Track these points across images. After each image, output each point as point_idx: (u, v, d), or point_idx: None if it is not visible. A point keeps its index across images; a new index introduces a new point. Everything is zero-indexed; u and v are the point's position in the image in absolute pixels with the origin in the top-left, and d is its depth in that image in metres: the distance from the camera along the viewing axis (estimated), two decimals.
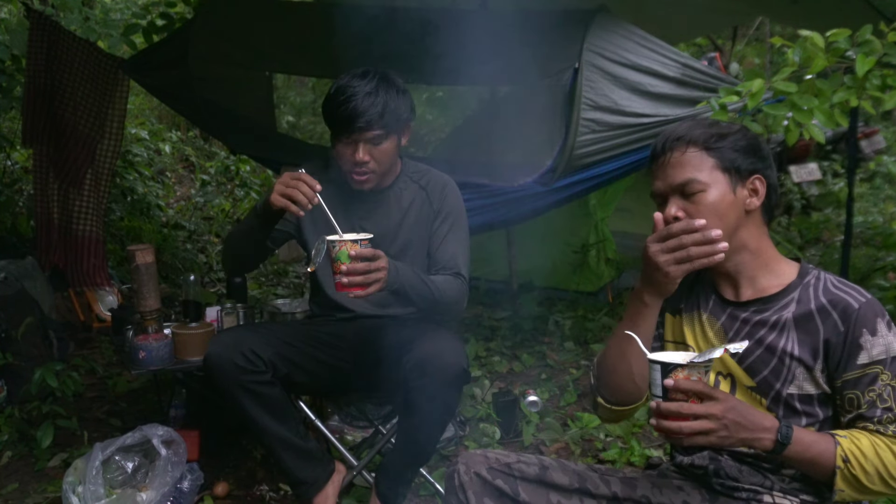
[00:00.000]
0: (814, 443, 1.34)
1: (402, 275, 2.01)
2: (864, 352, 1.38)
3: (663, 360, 1.30)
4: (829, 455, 1.33)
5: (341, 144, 2.14)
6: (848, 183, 4.08)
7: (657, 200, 1.50)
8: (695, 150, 1.45)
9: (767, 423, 1.32)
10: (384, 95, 2.10)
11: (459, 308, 2.22)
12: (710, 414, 1.27)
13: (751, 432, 1.30)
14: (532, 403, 3.18)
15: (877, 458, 1.32)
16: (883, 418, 1.35)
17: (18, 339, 3.26)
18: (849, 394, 1.39)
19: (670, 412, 1.28)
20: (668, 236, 1.38)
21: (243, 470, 2.80)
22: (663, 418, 1.28)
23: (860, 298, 1.42)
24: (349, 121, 2.08)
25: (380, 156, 2.14)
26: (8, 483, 2.72)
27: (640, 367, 1.44)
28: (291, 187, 1.95)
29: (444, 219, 2.25)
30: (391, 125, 2.12)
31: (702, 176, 1.43)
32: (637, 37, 3.05)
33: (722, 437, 1.28)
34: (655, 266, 1.39)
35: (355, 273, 1.87)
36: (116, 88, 4.08)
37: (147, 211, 5.89)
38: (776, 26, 8.27)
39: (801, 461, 1.35)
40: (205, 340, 2.55)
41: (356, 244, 1.88)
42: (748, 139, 1.47)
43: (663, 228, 1.40)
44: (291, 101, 8.71)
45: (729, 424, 1.28)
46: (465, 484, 1.49)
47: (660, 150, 1.49)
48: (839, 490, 1.34)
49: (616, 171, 3.19)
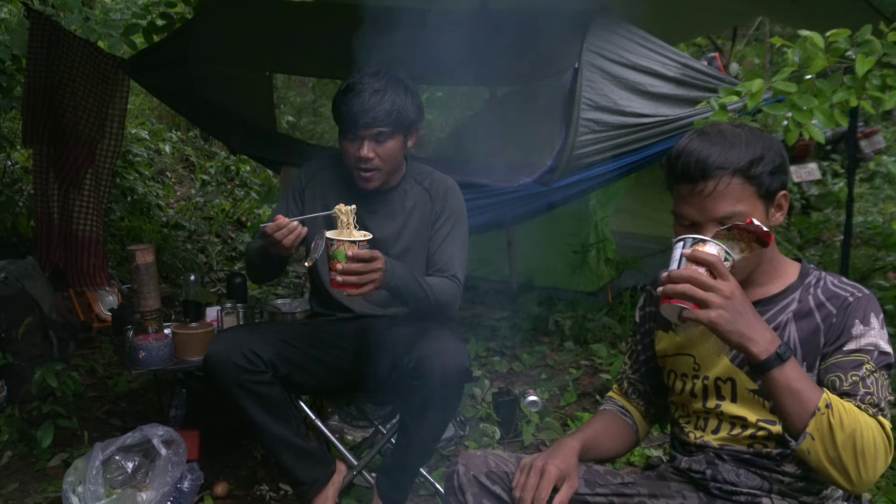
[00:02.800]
0: (804, 377, 1.30)
1: (397, 275, 2.02)
2: (853, 340, 1.37)
3: (687, 236, 1.32)
4: (814, 394, 1.28)
5: (347, 141, 2.16)
6: (848, 183, 4.08)
7: (682, 223, 1.43)
8: (738, 180, 1.36)
9: (769, 335, 1.29)
10: (392, 94, 2.12)
11: (452, 311, 2.23)
12: (718, 288, 1.26)
13: (750, 328, 1.27)
14: (532, 403, 3.18)
15: (857, 423, 1.27)
16: (865, 399, 1.32)
17: (18, 339, 3.25)
18: (832, 376, 1.36)
19: (681, 277, 1.27)
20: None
21: (243, 470, 2.80)
22: (672, 283, 1.28)
23: (857, 294, 1.42)
24: (355, 117, 2.10)
25: (385, 154, 2.15)
26: (8, 483, 2.72)
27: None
28: (274, 244, 2.00)
29: (445, 221, 2.26)
30: (397, 124, 2.13)
31: (744, 208, 1.37)
32: (637, 37, 3.05)
33: (722, 317, 1.25)
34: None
35: (350, 273, 1.89)
36: (116, 88, 4.08)
37: (147, 211, 5.90)
38: (776, 26, 8.28)
39: (786, 389, 1.28)
40: (205, 340, 2.55)
41: (354, 245, 1.88)
42: (780, 156, 1.40)
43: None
44: (291, 101, 8.70)
45: (732, 309, 1.26)
46: (465, 485, 1.49)
47: (697, 175, 1.37)
48: (809, 434, 1.27)
49: (616, 171, 3.19)
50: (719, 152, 1.37)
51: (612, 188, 4.27)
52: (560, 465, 1.45)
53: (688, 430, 1.56)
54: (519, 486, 1.44)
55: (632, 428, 1.69)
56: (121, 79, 4.05)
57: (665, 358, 1.62)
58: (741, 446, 1.49)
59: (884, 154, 7.28)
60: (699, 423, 1.54)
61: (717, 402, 1.51)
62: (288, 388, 2.22)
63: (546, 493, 1.42)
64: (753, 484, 1.47)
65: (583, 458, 1.54)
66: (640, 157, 3.09)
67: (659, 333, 1.64)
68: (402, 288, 2.05)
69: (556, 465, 1.45)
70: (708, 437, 1.52)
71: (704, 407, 1.52)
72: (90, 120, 4.04)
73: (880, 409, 1.32)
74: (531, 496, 1.42)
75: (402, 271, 2.05)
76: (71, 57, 3.95)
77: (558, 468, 1.45)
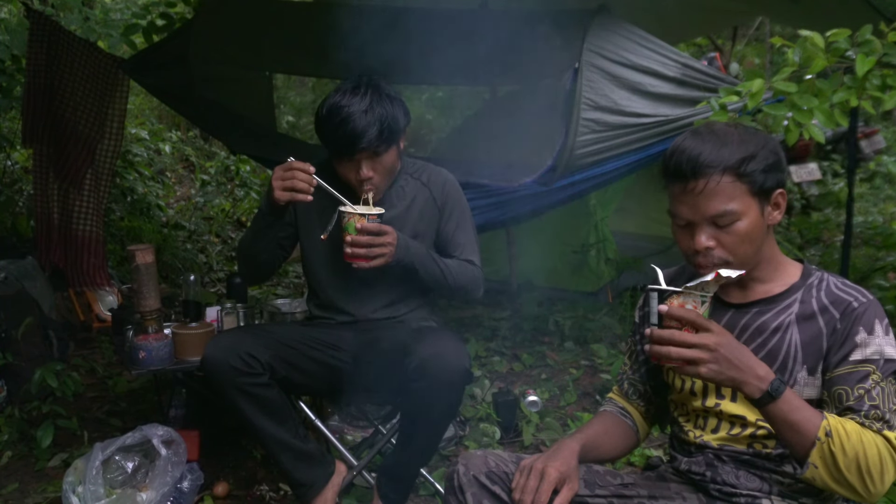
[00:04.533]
0: (801, 407, 1.31)
1: (412, 252, 2.06)
2: (859, 349, 1.37)
3: (660, 287, 1.32)
4: (812, 424, 1.29)
5: (343, 166, 2.15)
6: (848, 183, 4.08)
7: (678, 222, 1.44)
8: (729, 178, 1.37)
9: (761, 372, 1.30)
10: (380, 110, 2.09)
11: (476, 293, 2.25)
12: (703, 344, 1.27)
13: (741, 373, 1.28)
14: (532, 403, 3.18)
15: (860, 444, 1.28)
16: (870, 413, 1.33)
17: (18, 339, 3.26)
18: (838, 389, 1.37)
19: (663, 339, 1.28)
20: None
21: (243, 470, 2.80)
22: (656, 344, 1.29)
23: (861, 299, 1.41)
24: (349, 143, 2.08)
25: (383, 168, 2.15)
26: (8, 483, 2.72)
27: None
28: (288, 178, 1.98)
29: (451, 215, 2.28)
30: (390, 139, 2.12)
31: (736, 206, 1.37)
32: (637, 37, 3.05)
33: (712, 370, 1.27)
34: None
35: (358, 245, 1.95)
36: (116, 88, 4.08)
37: (147, 211, 5.90)
38: (776, 26, 8.28)
39: (784, 422, 1.30)
40: (205, 340, 2.54)
41: (363, 218, 1.96)
42: (774, 153, 1.41)
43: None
44: (291, 101, 8.71)
45: (720, 359, 1.27)
46: (465, 485, 1.49)
47: (688, 174, 1.38)
48: (812, 464, 1.29)
49: (616, 171, 3.18)
50: (710, 150, 1.38)
51: (612, 188, 4.26)
52: (560, 467, 1.45)
53: (687, 429, 1.56)
54: (519, 489, 1.44)
55: (632, 429, 1.69)
56: (121, 79, 4.05)
57: None
58: (741, 446, 1.48)
59: (884, 154, 7.27)
60: (699, 422, 1.54)
61: (717, 400, 1.51)
62: (287, 389, 2.22)
63: (546, 496, 1.42)
64: (753, 485, 1.47)
65: (583, 460, 1.54)
66: (640, 157, 3.09)
67: None
68: (417, 265, 2.09)
69: (557, 468, 1.45)
70: (707, 437, 1.52)
71: (704, 405, 1.52)
72: (90, 120, 4.04)
73: (886, 423, 1.32)
74: (531, 499, 1.42)
75: (418, 249, 2.09)
76: (71, 57, 3.95)
77: (558, 470, 1.45)
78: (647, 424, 1.72)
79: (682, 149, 1.40)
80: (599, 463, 1.62)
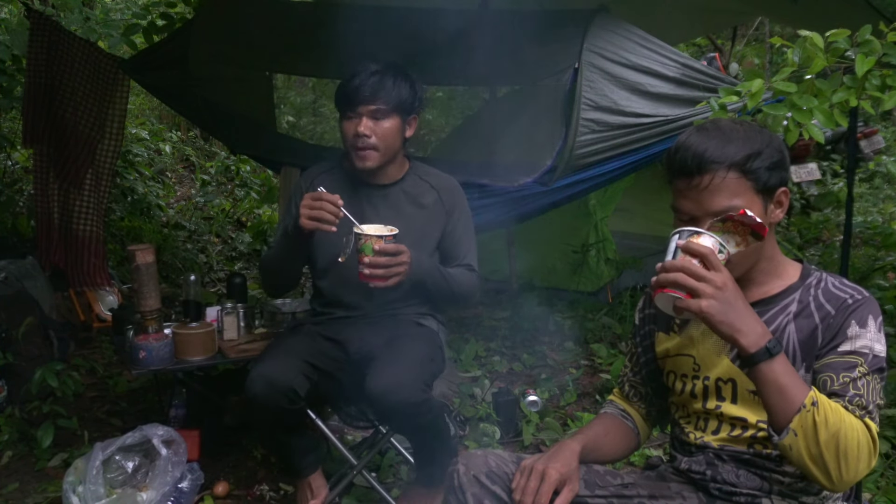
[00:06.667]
0: (792, 373, 1.29)
1: (424, 268, 2.13)
2: (849, 341, 1.37)
3: (682, 228, 1.33)
4: (801, 391, 1.27)
5: (346, 120, 2.21)
6: (847, 183, 4.07)
7: (681, 218, 1.43)
8: (734, 174, 1.36)
9: (759, 328, 1.29)
10: (391, 76, 2.19)
11: (473, 299, 2.36)
12: (711, 279, 1.25)
13: (741, 321, 1.26)
14: (532, 403, 3.18)
15: (842, 423, 1.26)
16: (854, 400, 1.31)
17: (18, 339, 3.26)
18: (823, 376, 1.36)
19: (674, 267, 1.28)
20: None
21: (243, 470, 2.81)
22: (666, 273, 1.28)
23: (857, 296, 1.42)
24: (354, 94, 2.17)
25: (382, 133, 2.19)
26: (8, 483, 2.72)
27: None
28: (316, 209, 2.02)
29: (458, 219, 2.33)
30: (393, 102, 2.18)
31: (740, 202, 1.37)
32: (637, 37, 3.05)
33: (713, 307, 1.25)
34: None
35: (377, 266, 1.98)
36: (116, 88, 4.08)
37: (147, 211, 5.90)
38: (776, 26, 8.28)
39: (774, 384, 1.27)
40: (205, 340, 2.56)
41: (381, 240, 1.98)
42: (779, 151, 1.41)
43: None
44: (291, 101, 8.70)
45: (724, 299, 1.25)
46: (465, 485, 1.49)
47: (693, 169, 1.37)
48: (792, 430, 1.26)
49: (616, 171, 3.18)
50: (716, 146, 1.37)
51: (612, 188, 4.27)
52: (561, 468, 1.45)
53: (688, 431, 1.56)
54: (519, 489, 1.44)
55: (633, 431, 1.69)
56: (121, 79, 4.05)
57: (665, 359, 1.62)
58: (741, 447, 1.49)
59: (883, 154, 7.26)
60: (699, 424, 1.55)
61: (718, 402, 1.51)
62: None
63: (546, 498, 1.42)
64: (753, 485, 1.47)
65: (583, 461, 1.54)
66: (640, 157, 3.09)
67: (659, 335, 1.63)
68: (427, 279, 2.16)
69: (557, 469, 1.45)
70: (708, 438, 1.52)
71: (704, 408, 1.52)
72: (90, 120, 4.04)
73: (868, 412, 1.31)
74: (532, 500, 1.42)
75: (427, 264, 2.16)
76: (71, 57, 3.95)
77: (559, 472, 1.44)
78: (648, 426, 1.72)
79: (687, 144, 1.40)
80: (600, 464, 1.62)
